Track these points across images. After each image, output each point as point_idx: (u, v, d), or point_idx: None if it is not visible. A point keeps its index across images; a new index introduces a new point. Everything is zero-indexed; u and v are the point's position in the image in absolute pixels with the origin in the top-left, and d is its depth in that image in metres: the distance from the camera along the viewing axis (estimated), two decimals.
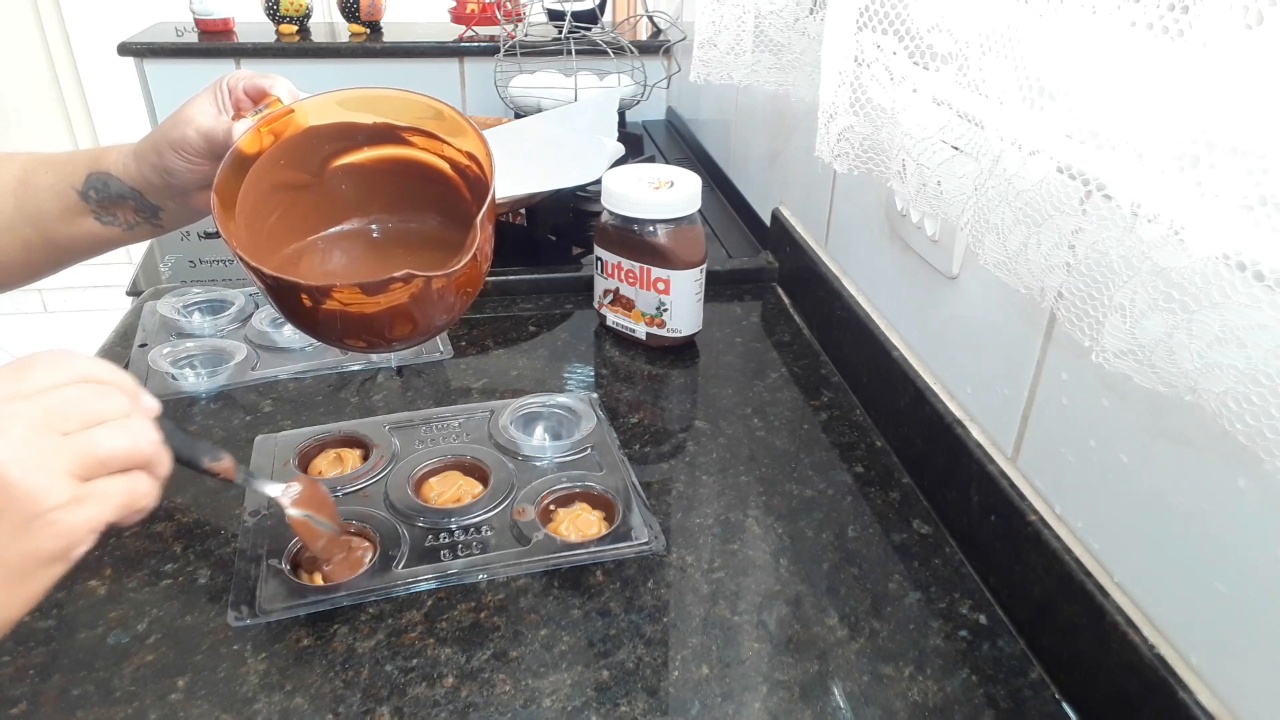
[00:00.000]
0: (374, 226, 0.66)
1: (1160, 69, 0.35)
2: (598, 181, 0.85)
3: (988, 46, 0.47)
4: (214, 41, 1.55)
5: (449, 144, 0.61)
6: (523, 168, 1.01)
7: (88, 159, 0.62)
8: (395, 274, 0.50)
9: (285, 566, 0.55)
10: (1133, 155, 0.37)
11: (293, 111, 0.60)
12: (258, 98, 0.61)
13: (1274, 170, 0.31)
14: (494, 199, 0.55)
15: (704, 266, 0.81)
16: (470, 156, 0.60)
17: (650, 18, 1.62)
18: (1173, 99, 0.35)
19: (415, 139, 0.62)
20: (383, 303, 0.52)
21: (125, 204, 0.63)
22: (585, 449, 0.67)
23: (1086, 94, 0.40)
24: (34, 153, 0.64)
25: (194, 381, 0.74)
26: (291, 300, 0.54)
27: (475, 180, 0.61)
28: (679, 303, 0.81)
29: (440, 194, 0.63)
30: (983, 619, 0.54)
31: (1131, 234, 0.38)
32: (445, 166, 0.62)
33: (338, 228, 0.65)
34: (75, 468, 0.37)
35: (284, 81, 0.62)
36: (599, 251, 0.83)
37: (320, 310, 0.53)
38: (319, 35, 1.62)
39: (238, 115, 0.61)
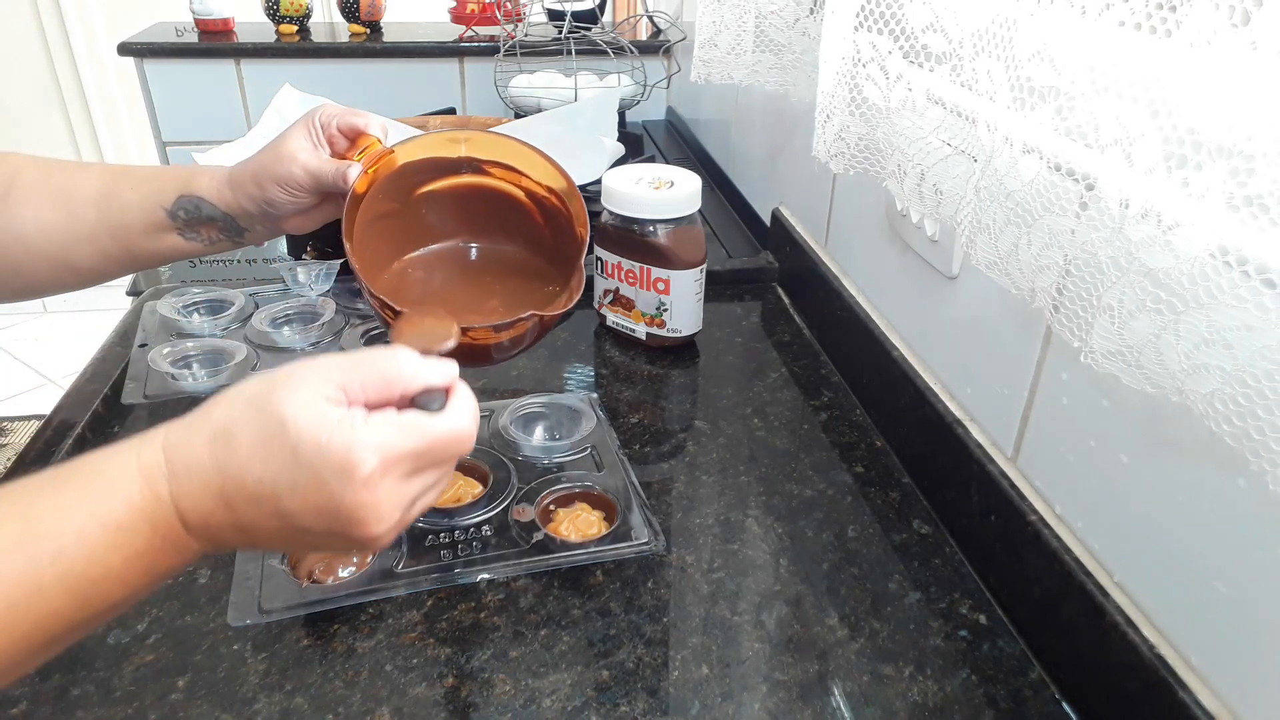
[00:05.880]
0: (470, 247, 0.69)
1: (1148, 68, 0.35)
2: (598, 181, 0.85)
3: (980, 47, 0.47)
4: (214, 41, 1.55)
5: (527, 176, 0.65)
6: None
7: (177, 181, 0.64)
8: (522, 314, 0.55)
9: (285, 567, 0.55)
10: (1121, 155, 0.37)
11: (393, 152, 0.64)
12: (351, 135, 0.65)
13: (1260, 169, 0.31)
14: (589, 244, 0.61)
15: (704, 266, 0.81)
16: (549, 190, 0.64)
17: (650, 18, 1.62)
18: (1160, 98, 0.35)
19: (495, 170, 0.66)
20: (503, 336, 0.56)
21: (213, 225, 0.66)
22: (585, 449, 0.68)
23: (1076, 93, 0.40)
24: (111, 165, 0.66)
25: (194, 381, 0.75)
26: None
27: (552, 210, 0.65)
28: (679, 303, 0.81)
29: (516, 220, 0.67)
30: (983, 619, 0.54)
31: (1120, 234, 0.38)
32: (521, 195, 0.66)
33: (426, 249, 0.69)
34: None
35: (376, 119, 0.65)
36: (599, 251, 0.83)
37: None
38: (319, 35, 1.63)
39: (334, 151, 0.64)
